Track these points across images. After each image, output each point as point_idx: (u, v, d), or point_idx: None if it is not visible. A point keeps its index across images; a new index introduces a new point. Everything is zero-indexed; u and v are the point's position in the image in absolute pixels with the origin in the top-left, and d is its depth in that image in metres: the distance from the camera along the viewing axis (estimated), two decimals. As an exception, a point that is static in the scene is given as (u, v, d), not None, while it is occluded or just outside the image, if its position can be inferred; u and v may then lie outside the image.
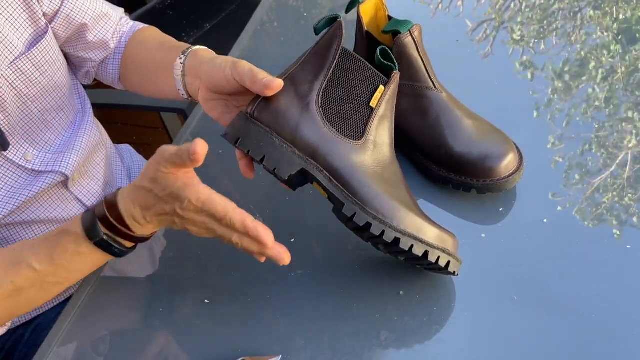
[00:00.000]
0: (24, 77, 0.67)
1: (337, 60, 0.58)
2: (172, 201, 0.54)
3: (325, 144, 0.57)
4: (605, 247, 0.63)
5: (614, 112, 0.79)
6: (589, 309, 0.59)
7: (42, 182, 0.71)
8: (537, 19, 0.98)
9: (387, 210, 0.56)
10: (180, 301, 0.64)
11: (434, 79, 0.69)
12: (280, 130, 0.57)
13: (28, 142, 0.71)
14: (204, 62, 0.66)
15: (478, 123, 0.70)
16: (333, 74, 0.59)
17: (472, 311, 0.60)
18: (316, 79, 0.58)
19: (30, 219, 0.73)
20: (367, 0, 0.70)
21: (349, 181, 0.57)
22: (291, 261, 0.66)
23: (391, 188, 0.58)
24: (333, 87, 0.59)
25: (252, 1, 1.68)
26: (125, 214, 0.56)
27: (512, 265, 0.63)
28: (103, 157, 0.82)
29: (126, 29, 0.82)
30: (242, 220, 0.54)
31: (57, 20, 0.72)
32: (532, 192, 0.70)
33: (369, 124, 0.58)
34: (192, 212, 0.54)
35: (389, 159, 0.59)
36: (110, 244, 0.57)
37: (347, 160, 0.57)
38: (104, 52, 0.80)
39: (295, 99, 0.58)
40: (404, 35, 0.66)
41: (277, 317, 0.61)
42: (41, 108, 0.71)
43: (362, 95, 0.59)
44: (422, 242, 0.56)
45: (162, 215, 0.56)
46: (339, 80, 0.59)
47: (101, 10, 0.77)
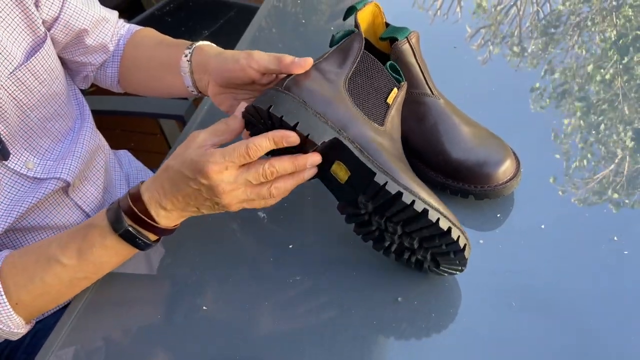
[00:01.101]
0: (23, 86, 0.67)
1: (360, 58, 0.63)
2: (195, 173, 0.55)
3: (354, 121, 0.59)
4: (602, 253, 0.64)
5: (611, 119, 0.79)
6: (588, 315, 0.59)
7: (44, 189, 0.72)
8: (535, 25, 0.98)
9: (413, 186, 0.57)
10: (178, 308, 0.64)
11: (431, 86, 0.69)
12: (313, 103, 0.59)
13: (28, 150, 0.71)
14: (212, 56, 0.68)
15: (475, 129, 0.70)
16: (357, 67, 0.63)
17: (471, 317, 0.60)
18: (342, 69, 0.62)
19: (30, 226, 0.73)
20: (365, 8, 0.70)
21: (376, 157, 0.58)
22: (289, 267, 0.66)
23: (412, 174, 0.60)
24: (358, 77, 0.62)
25: (250, 7, 1.68)
26: (150, 203, 0.58)
27: (510, 272, 0.63)
28: (102, 162, 0.82)
29: (123, 32, 0.83)
30: (263, 135, 0.56)
31: (57, 26, 0.73)
32: (529, 198, 0.70)
33: (387, 116, 0.62)
34: (216, 173, 0.55)
35: (402, 155, 0.62)
36: (135, 236, 0.58)
37: (374, 139, 0.59)
38: (103, 55, 0.81)
39: (324, 81, 0.61)
40: (402, 42, 0.66)
41: (275, 324, 0.61)
42: (40, 116, 0.71)
43: (381, 91, 0.63)
44: (446, 218, 0.57)
45: (189, 196, 0.57)
46: (363, 73, 0.63)
47: (100, 15, 0.78)
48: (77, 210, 0.78)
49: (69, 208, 0.76)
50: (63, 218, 0.76)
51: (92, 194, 0.79)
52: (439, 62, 0.78)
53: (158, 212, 0.58)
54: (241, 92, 0.68)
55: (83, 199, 0.78)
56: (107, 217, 0.59)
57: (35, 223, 0.73)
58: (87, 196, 0.78)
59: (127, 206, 0.58)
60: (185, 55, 0.71)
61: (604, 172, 0.72)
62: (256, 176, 0.56)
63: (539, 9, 1.03)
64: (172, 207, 0.58)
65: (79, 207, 0.77)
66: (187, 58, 0.71)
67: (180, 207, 0.58)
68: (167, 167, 0.58)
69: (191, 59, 0.71)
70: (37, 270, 0.59)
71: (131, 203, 0.58)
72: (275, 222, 0.71)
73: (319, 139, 0.57)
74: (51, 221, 0.75)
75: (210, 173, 0.55)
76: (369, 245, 0.66)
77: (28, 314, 0.62)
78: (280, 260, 0.67)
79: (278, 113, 0.57)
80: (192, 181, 0.56)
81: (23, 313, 0.61)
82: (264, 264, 0.67)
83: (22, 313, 0.61)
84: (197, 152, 0.56)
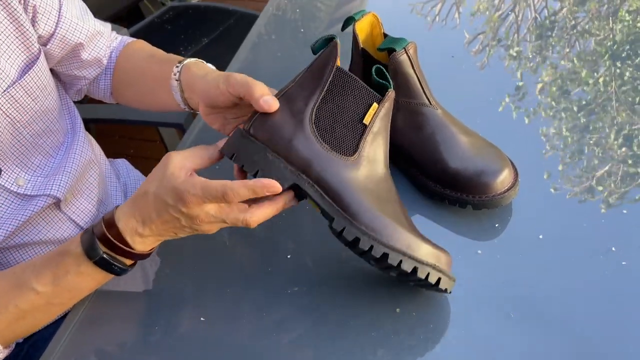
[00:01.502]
0: (16, 104, 0.67)
1: (332, 79, 0.60)
2: (175, 201, 0.55)
3: (317, 160, 0.58)
4: (601, 263, 0.63)
5: (611, 128, 0.79)
6: (586, 326, 0.59)
7: (33, 205, 0.71)
8: (533, 32, 0.99)
9: (377, 226, 0.57)
10: (176, 319, 0.64)
11: (429, 96, 0.69)
12: (275, 146, 0.58)
13: (19, 167, 0.70)
14: (198, 78, 0.67)
15: (473, 139, 0.70)
16: (327, 91, 0.60)
17: (469, 328, 0.60)
18: (311, 97, 0.59)
19: (24, 242, 0.72)
20: (363, 18, 0.70)
21: (341, 196, 0.57)
22: (287, 278, 0.66)
23: (383, 204, 0.58)
24: (327, 105, 0.60)
25: (250, 15, 1.69)
26: (126, 230, 0.57)
27: (508, 282, 0.63)
28: (96, 175, 0.82)
29: (115, 44, 0.83)
30: (243, 184, 0.55)
31: (53, 41, 0.72)
32: (527, 208, 0.70)
33: (362, 141, 0.59)
34: (196, 205, 0.55)
35: (382, 176, 0.60)
36: (110, 263, 0.57)
37: (338, 176, 0.58)
38: (97, 69, 0.81)
39: (290, 116, 0.59)
40: (399, 52, 0.67)
41: (273, 335, 0.61)
42: (32, 133, 0.71)
43: (356, 113, 0.60)
44: (411, 258, 0.56)
45: (168, 222, 0.56)
46: (333, 97, 0.60)
47: (94, 29, 0.78)
48: (72, 225, 0.77)
49: (62, 222, 0.76)
50: (57, 233, 0.76)
51: (86, 208, 0.78)
52: (437, 71, 0.78)
53: (134, 238, 0.57)
54: (230, 112, 0.67)
55: (77, 212, 0.77)
56: (81, 244, 0.57)
57: (29, 239, 0.73)
58: (81, 210, 0.78)
59: (101, 232, 0.57)
60: (174, 74, 0.71)
61: (602, 183, 0.72)
62: (234, 221, 0.56)
63: (537, 15, 1.04)
64: (150, 233, 0.57)
65: (73, 221, 0.77)
66: (176, 77, 0.70)
67: (158, 233, 0.58)
68: (145, 192, 0.57)
69: (180, 78, 0.70)
70: (11, 297, 0.58)
71: (105, 229, 0.57)
72: (272, 232, 0.71)
73: (281, 184, 0.57)
74: (45, 236, 0.74)
75: (190, 204, 0.54)
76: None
77: (4, 339, 0.61)
78: (278, 271, 0.67)
79: (239, 162, 0.58)
80: (172, 208, 0.55)
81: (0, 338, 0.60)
82: (261, 275, 0.67)
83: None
84: (178, 180, 0.55)
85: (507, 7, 1.08)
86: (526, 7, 1.07)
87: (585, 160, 0.75)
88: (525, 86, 0.88)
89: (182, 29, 1.70)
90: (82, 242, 0.57)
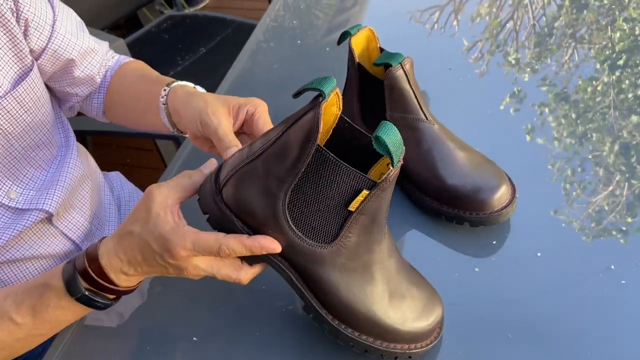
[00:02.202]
0: (8, 115, 0.66)
1: (311, 161, 0.48)
2: (162, 251, 0.52)
3: (289, 247, 0.52)
4: (599, 282, 0.63)
5: (611, 145, 0.79)
6: (585, 345, 0.58)
7: (25, 220, 0.70)
8: (530, 40, 0.98)
9: (350, 320, 0.55)
10: (168, 339, 0.63)
11: (425, 111, 0.69)
12: (245, 220, 0.53)
13: (11, 179, 0.70)
14: (182, 106, 0.66)
15: (470, 155, 0.69)
16: (305, 173, 0.49)
17: (466, 349, 0.59)
18: (286, 177, 0.49)
19: (16, 258, 0.71)
20: (359, 32, 0.70)
21: (314, 285, 0.54)
22: (281, 296, 0.65)
23: (366, 286, 0.54)
24: (305, 187, 0.50)
25: (247, 25, 1.69)
26: (109, 267, 0.54)
27: (506, 301, 0.62)
28: (88, 189, 0.81)
29: (111, 63, 0.82)
30: (239, 242, 0.52)
31: (45, 56, 0.72)
32: (525, 225, 0.69)
33: (345, 227, 0.51)
34: (185, 259, 0.53)
35: (365, 261, 0.54)
36: (92, 299, 0.55)
37: (312, 265, 0.53)
38: (89, 87, 0.80)
39: (262, 193, 0.51)
40: (395, 68, 0.66)
41: (267, 355, 0.60)
42: (25, 145, 0.70)
43: (340, 198, 0.49)
44: (363, 342, 0.55)
45: (154, 267, 0.54)
46: (313, 180, 0.49)
47: (87, 46, 0.77)
48: (64, 239, 0.76)
49: (55, 237, 0.75)
50: (49, 248, 0.75)
51: (78, 222, 0.78)
52: (434, 83, 0.77)
53: (118, 276, 0.55)
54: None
55: (69, 227, 0.76)
56: (63, 279, 0.55)
57: (21, 255, 0.72)
58: (74, 224, 0.77)
59: (82, 268, 0.54)
60: (161, 98, 0.69)
61: (601, 199, 0.71)
62: (225, 277, 0.55)
63: (535, 23, 1.03)
64: (135, 273, 0.55)
65: (65, 235, 0.76)
66: (163, 100, 0.69)
67: (144, 272, 0.56)
68: (130, 232, 0.54)
69: (167, 102, 0.69)
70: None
71: (87, 265, 0.54)
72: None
73: (250, 261, 0.55)
74: (37, 251, 0.73)
75: (178, 256, 0.52)
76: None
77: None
78: (272, 289, 0.66)
79: (212, 225, 0.55)
80: (158, 256, 0.53)
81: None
82: (256, 293, 0.66)
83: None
84: (165, 226, 0.52)
85: (506, 15, 1.07)
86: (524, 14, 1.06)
87: (584, 176, 0.74)
88: (523, 99, 0.87)
89: (179, 38, 1.70)
90: (63, 277, 0.55)
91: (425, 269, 0.62)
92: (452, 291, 0.63)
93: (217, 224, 0.55)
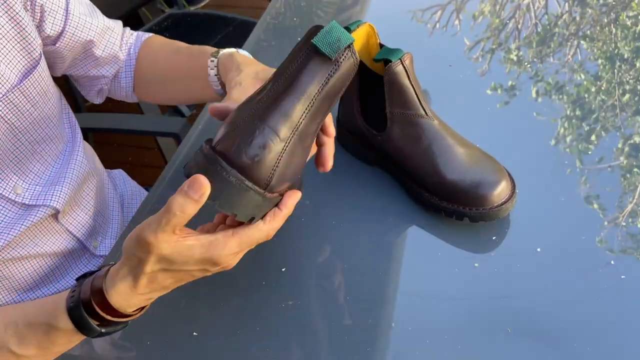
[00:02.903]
0: (15, 109, 0.66)
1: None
2: (208, 266, 0.51)
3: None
4: (599, 277, 0.63)
5: (611, 140, 0.79)
6: (584, 340, 0.58)
7: (33, 216, 0.70)
8: (532, 38, 0.98)
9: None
10: (168, 334, 0.63)
11: (425, 107, 0.69)
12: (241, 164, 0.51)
13: (17, 174, 0.70)
14: (232, 88, 0.65)
15: (470, 150, 0.69)
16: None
17: (466, 343, 0.59)
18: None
19: (22, 255, 0.71)
20: (359, 28, 0.70)
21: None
22: (281, 292, 0.65)
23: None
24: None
25: (248, 22, 1.69)
26: (127, 308, 0.52)
27: (505, 296, 0.62)
28: (93, 186, 0.81)
29: (132, 40, 0.83)
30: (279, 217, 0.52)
31: (62, 40, 0.72)
32: (525, 220, 0.69)
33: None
34: (233, 257, 0.52)
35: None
36: (106, 332, 0.54)
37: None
38: (115, 66, 0.80)
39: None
40: (395, 63, 0.66)
41: (267, 350, 0.60)
42: (31, 140, 0.70)
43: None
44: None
45: (190, 278, 0.53)
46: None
47: (104, 25, 0.77)
48: (69, 237, 0.76)
49: (59, 235, 0.75)
50: (54, 245, 0.75)
51: (82, 219, 0.78)
52: (434, 80, 0.77)
53: (134, 308, 0.53)
54: None
55: (74, 224, 0.76)
56: (74, 324, 0.52)
57: (26, 252, 0.72)
58: (78, 221, 0.77)
59: (93, 312, 0.51)
60: (210, 68, 0.71)
61: (601, 195, 0.71)
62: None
63: (537, 22, 1.03)
64: (156, 296, 0.53)
65: (70, 232, 0.76)
66: (215, 72, 0.70)
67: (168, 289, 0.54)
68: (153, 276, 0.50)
69: (218, 73, 0.70)
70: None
71: (102, 311, 0.51)
72: (267, 245, 0.70)
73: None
74: (41, 249, 0.73)
75: (225, 263, 0.51)
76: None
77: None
78: (272, 285, 0.66)
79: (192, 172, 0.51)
80: (199, 271, 0.52)
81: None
82: (255, 289, 0.66)
83: None
84: (197, 251, 0.49)
85: (508, 13, 1.07)
86: (526, 12, 1.06)
87: (584, 171, 0.74)
88: (524, 97, 0.87)
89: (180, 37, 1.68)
90: (74, 322, 0.52)
91: (425, 264, 0.62)
92: (451, 286, 0.63)
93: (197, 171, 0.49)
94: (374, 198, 0.73)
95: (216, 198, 0.49)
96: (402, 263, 0.67)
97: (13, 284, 0.73)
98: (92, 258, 0.81)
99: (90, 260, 0.81)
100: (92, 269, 0.80)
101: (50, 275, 0.77)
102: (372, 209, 0.72)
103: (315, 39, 0.49)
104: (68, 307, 0.52)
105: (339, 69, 0.50)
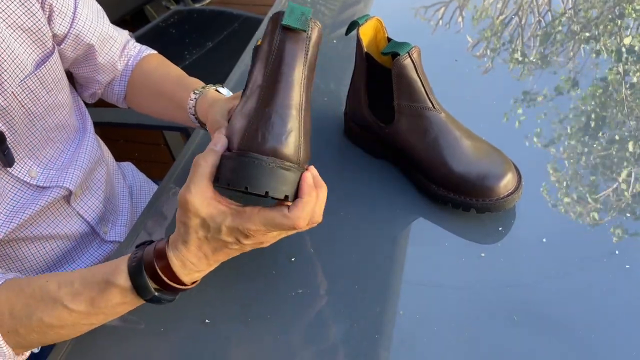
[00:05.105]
0: (32, 95, 0.69)
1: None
2: (240, 236, 0.54)
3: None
4: (604, 267, 0.64)
5: (614, 132, 0.80)
6: (589, 329, 0.59)
7: (46, 197, 0.73)
8: (536, 35, 0.99)
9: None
10: (180, 321, 0.64)
11: (432, 100, 0.70)
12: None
13: (32, 159, 0.72)
14: (206, 114, 0.70)
15: (477, 143, 0.70)
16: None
17: (472, 331, 0.60)
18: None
19: (33, 235, 0.74)
20: (367, 22, 0.71)
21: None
22: (291, 281, 0.66)
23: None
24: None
25: (253, 19, 1.70)
26: (182, 272, 0.55)
27: (511, 286, 0.63)
28: (104, 173, 0.84)
29: (133, 53, 0.85)
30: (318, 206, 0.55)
31: (67, 41, 0.74)
32: (531, 211, 0.70)
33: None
34: (262, 234, 0.54)
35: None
36: (160, 298, 0.56)
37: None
38: (111, 74, 0.83)
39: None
40: (403, 57, 0.67)
41: (277, 338, 0.62)
42: (45, 125, 0.72)
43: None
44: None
45: (230, 253, 0.57)
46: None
47: (107, 33, 0.79)
48: (79, 220, 0.79)
49: (70, 217, 0.77)
50: (65, 227, 0.77)
51: (93, 204, 0.80)
52: (441, 74, 0.78)
53: (192, 276, 0.56)
54: None
55: (85, 208, 0.79)
56: (131, 281, 0.55)
57: (38, 232, 0.74)
58: (89, 205, 0.80)
59: (153, 271, 0.55)
60: (190, 99, 0.74)
61: (607, 186, 0.72)
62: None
63: (541, 19, 1.04)
64: (206, 269, 0.57)
65: (80, 216, 0.78)
66: (192, 104, 0.74)
67: (215, 263, 0.58)
68: (195, 239, 0.54)
69: (195, 106, 0.74)
70: (38, 309, 0.56)
71: (161, 272, 0.54)
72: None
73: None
74: (53, 230, 0.76)
75: (252, 236, 0.54)
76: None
77: (19, 346, 0.60)
78: (282, 274, 0.67)
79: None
80: (234, 244, 0.55)
81: (13, 342, 0.59)
82: (265, 278, 0.67)
83: (12, 342, 0.59)
84: (227, 218, 0.53)
85: (511, 11, 1.08)
86: (529, 11, 1.07)
87: (589, 163, 0.75)
88: (529, 90, 0.88)
89: (186, 33, 1.71)
90: (131, 278, 0.55)
91: (432, 254, 0.63)
92: (458, 276, 0.64)
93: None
94: (381, 190, 0.75)
95: (264, 188, 0.52)
96: (409, 253, 0.68)
97: (25, 265, 0.75)
98: (102, 244, 0.83)
99: (100, 246, 0.83)
100: (102, 254, 0.82)
101: (62, 258, 0.79)
102: (379, 200, 0.73)
103: (285, 21, 0.53)
104: (130, 265, 0.55)
105: (311, 38, 0.54)
